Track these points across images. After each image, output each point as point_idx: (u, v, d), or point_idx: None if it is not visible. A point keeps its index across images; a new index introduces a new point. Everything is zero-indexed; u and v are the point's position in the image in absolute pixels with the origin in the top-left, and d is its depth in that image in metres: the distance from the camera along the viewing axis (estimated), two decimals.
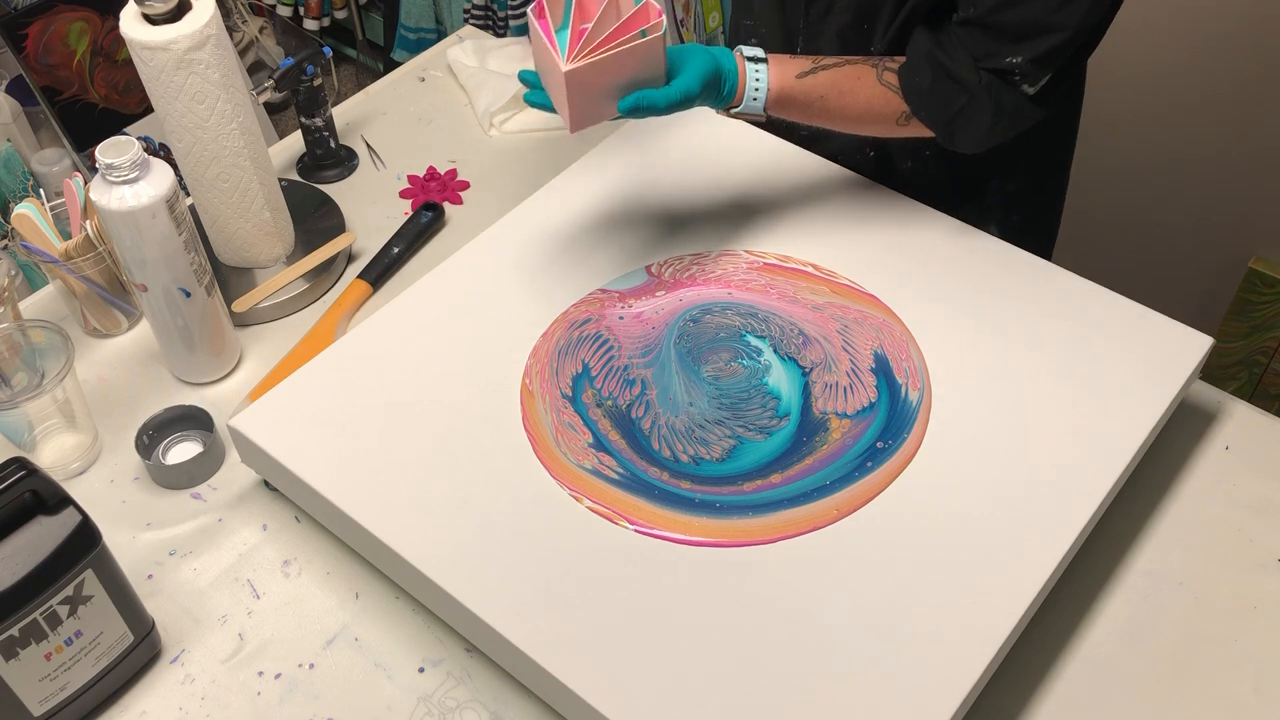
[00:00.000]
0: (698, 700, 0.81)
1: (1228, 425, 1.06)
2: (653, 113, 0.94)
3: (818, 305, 1.06)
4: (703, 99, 0.97)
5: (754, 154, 1.21)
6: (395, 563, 0.91)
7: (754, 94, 1.00)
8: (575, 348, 1.03)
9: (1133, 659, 0.92)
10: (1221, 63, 1.80)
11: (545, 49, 0.91)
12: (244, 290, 1.18)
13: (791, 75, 1.01)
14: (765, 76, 1.00)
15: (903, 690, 0.81)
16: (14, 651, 0.81)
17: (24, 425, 1.04)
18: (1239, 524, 0.99)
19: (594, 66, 0.89)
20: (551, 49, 0.90)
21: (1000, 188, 1.21)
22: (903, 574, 0.87)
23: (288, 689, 0.91)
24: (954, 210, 1.14)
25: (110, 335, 1.17)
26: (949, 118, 1.02)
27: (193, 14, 1.02)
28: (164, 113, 1.07)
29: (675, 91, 0.94)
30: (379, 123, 1.41)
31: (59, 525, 0.82)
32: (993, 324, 1.03)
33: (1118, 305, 1.05)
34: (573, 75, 0.88)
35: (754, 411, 0.98)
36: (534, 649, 0.83)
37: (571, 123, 0.93)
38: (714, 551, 0.89)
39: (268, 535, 1.01)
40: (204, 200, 1.14)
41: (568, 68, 0.88)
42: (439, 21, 2.56)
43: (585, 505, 0.92)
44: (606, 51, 0.89)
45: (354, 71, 2.88)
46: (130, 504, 1.03)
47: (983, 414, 0.97)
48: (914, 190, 1.16)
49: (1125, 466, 0.93)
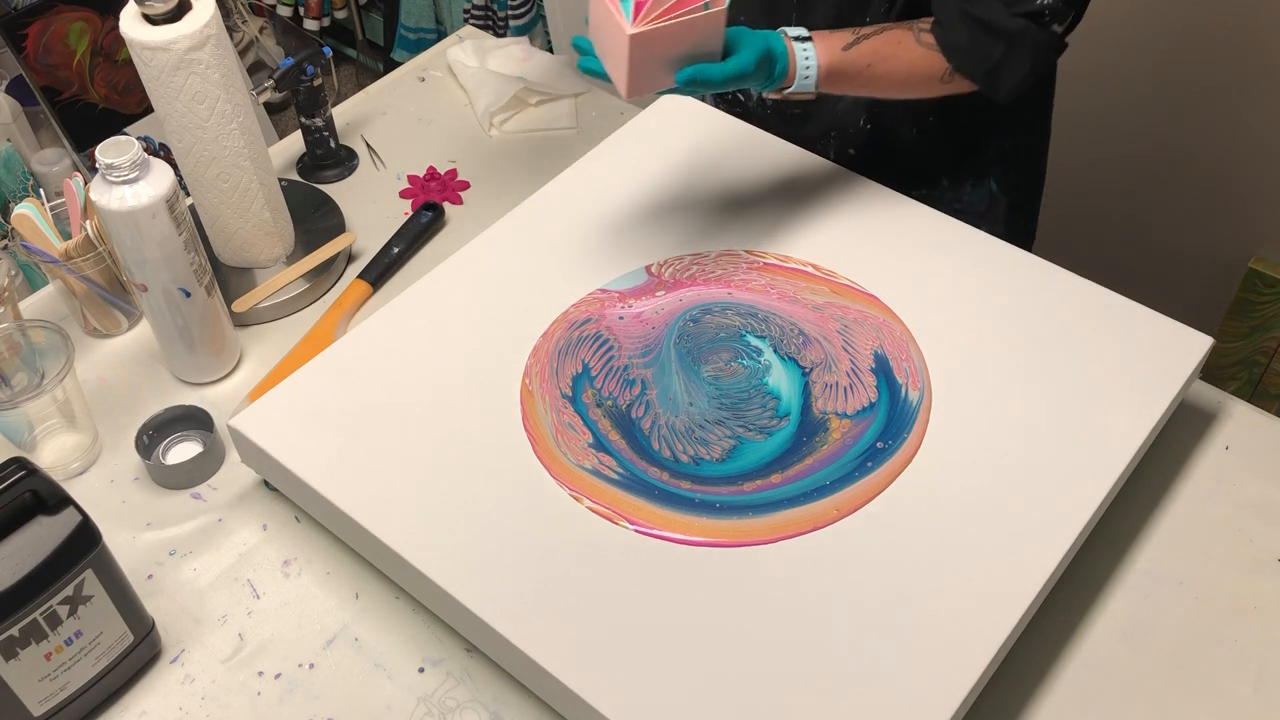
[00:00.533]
0: (698, 700, 0.81)
1: (1228, 425, 1.06)
2: (708, 87, 0.95)
3: (818, 305, 1.06)
4: (755, 78, 0.98)
5: (754, 154, 1.21)
6: (395, 563, 0.91)
7: (805, 72, 1.01)
8: (575, 348, 1.03)
9: (1133, 659, 0.92)
10: (1222, 62, 1.80)
11: (607, 12, 0.92)
12: (244, 290, 1.18)
13: (838, 49, 1.03)
14: (814, 54, 1.01)
15: (903, 690, 0.81)
16: (14, 651, 0.81)
17: (24, 425, 1.04)
18: (1239, 524, 0.99)
19: (659, 33, 0.90)
20: (615, 11, 0.91)
21: (998, 145, 1.24)
22: (903, 574, 0.87)
23: (288, 689, 0.91)
24: (954, 170, 1.17)
25: (110, 335, 1.17)
26: (990, 68, 1.04)
27: (193, 14, 1.02)
28: (164, 113, 1.07)
29: (731, 68, 0.95)
30: (379, 123, 1.41)
31: (59, 525, 0.82)
32: (993, 324, 1.03)
33: (1118, 305, 1.05)
34: (637, 39, 0.90)
35: (754, 411, 0.98)
36: (534, 649, 0.83)
37: (629, 88, 0.94)
38: (714, 552, 0.89)
39: (268, 535, 1.01)
40: (204, 200, 1.14)
41: (633, 30, 0.89)
42: (439, 21, 2.56)
43: (585, 505, 0.92)
44: (672, 19, 0.91)
45: (354, 71, 2.88)
46: (130, 504, 1.03)
47: (983, 414, 0.97)
48: (913, 157, 1.19)
49: (1125, 466, 0.93)
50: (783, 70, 1.00)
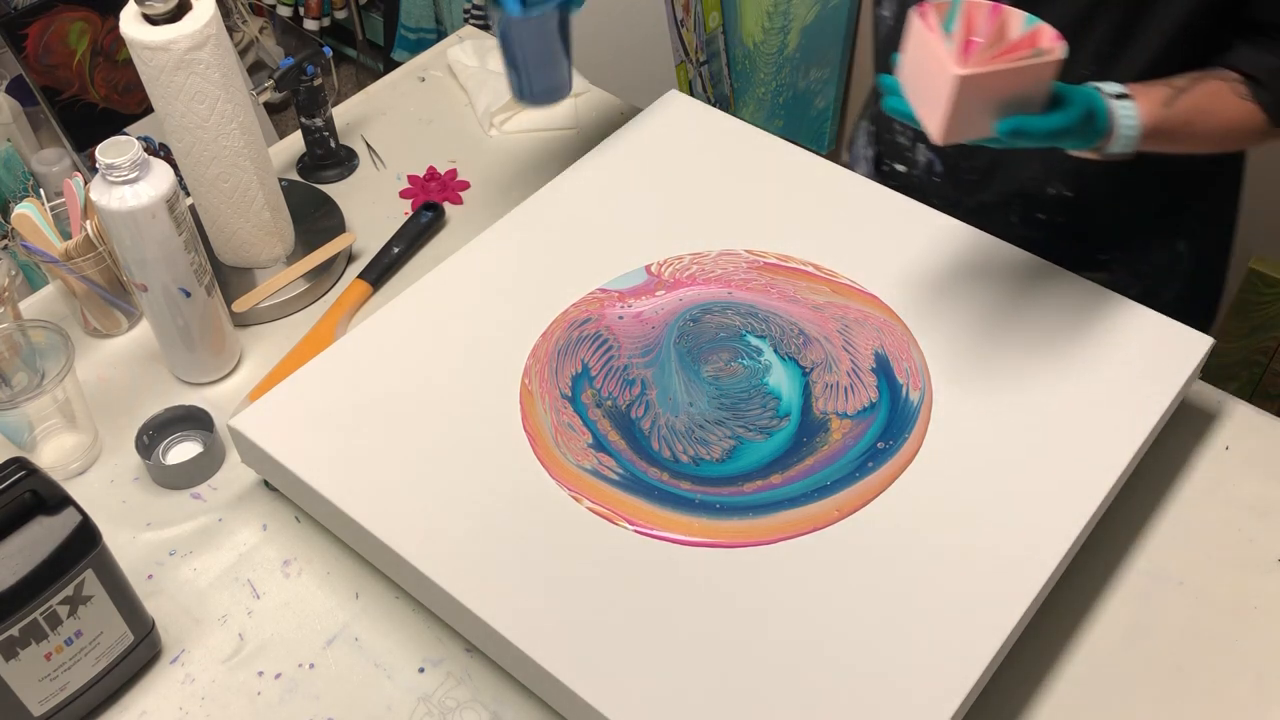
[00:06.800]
0: (697, 700, 0.81)
1: (1228, 425, 1.06)
2: (1030, 140, 0.89)
3: (818, 305, 1.06)
4: (1076, 135, 0.92)
5: (754, 154, 1.20)
6: (395, 563, 0.91)
7: (1127, 131, 0.95)
8: (575, 348, 1.03)
9: (1133, 659, 0.92)
10: None
11: (929, 51, 0.87)
12: (244, 290, 1.18)
13: (1159, 105, 0.97)
14: (1134, 112, 0.95)
15: (903, 690, 0.81)
16: (14, 651, 0.81)
17: (24, 425, 1.04)
18: (1239, 524, 0.99)
19: (989, 77, 0.85)
20: (941, 50, 0.86)
21: (1195, 207, 1.21)
22: (903, 574, 0.87)
23: (288, 689, 0.91)
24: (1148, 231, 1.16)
25: (110, 335, 1.17)
26: None
27: (193, 14, 1.02)
28: (164, 113, 1.07)
29: (1056, 122, 0.89)
30: (379, 123, 1.41)
31: (59, 525, 0.82)
32: (994, 324, 1.03)
33: (1118, 305, 1.05)
34: (966, 81, 0.84)
35: (754, 411, 0.98)
36: (534, 649, 0.83)
37: (945, 131, 0.88)
38: (714, 552, 0.89)
39: (268, 535, 1.01)
40: (204, 200, 1.14)
41: (963, 72, 0.84)
42: (439, 21, 2.56)
43: (585, 506, 0.92)
44: (1005, 65, 0.86)
45: (354, 71, 2.88)
46: (130, 504, 1.03)
47: (983, 414, 0.97)
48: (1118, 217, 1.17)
49: (1125, 466, 0.93)
50: (1104, 128, 0.94)
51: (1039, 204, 1.18)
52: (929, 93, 0.88)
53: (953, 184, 1.22)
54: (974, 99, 0.86)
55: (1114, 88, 0.95)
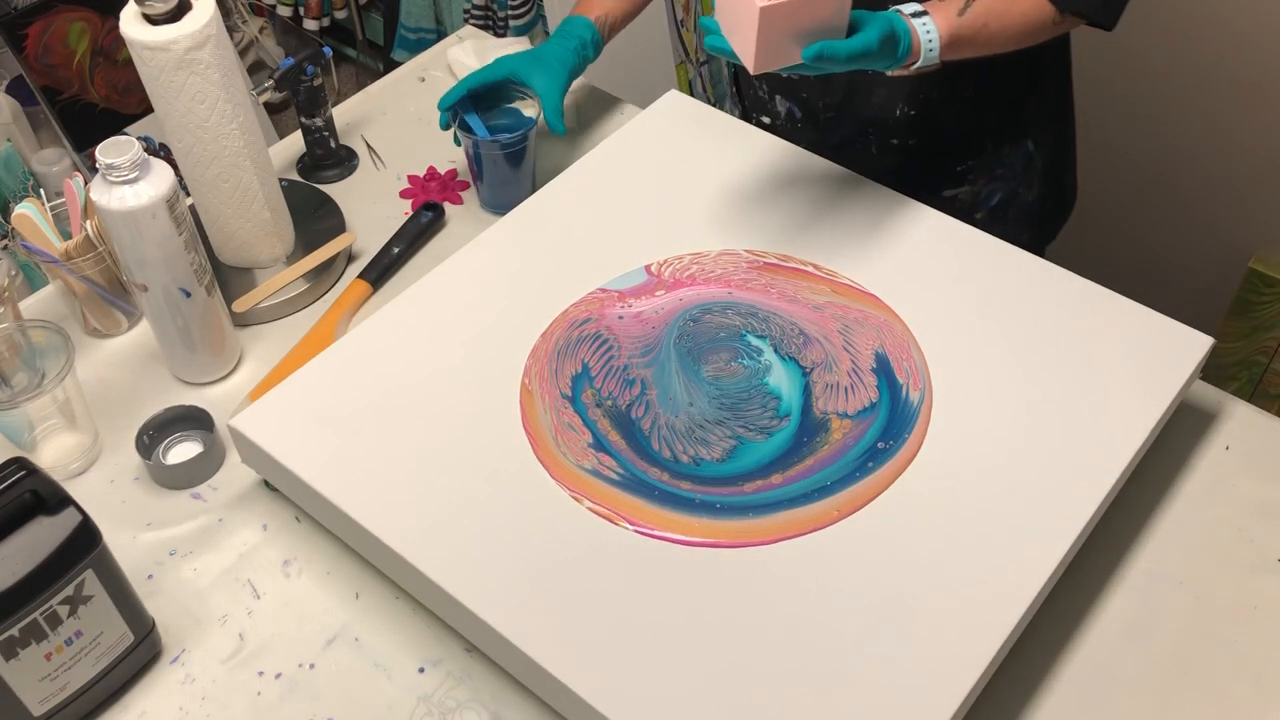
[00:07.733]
0: (698, 700, 0.81)
1: (1228, 425, 1.06)
2: (834, 65, 0.96)
3: (818, 305, 1.06)
4: (880, 56, 0.99)
5: (754, 154, 1.21)
6: (395, 563, 0.91)
7: (929, 46, 1.02)
8: (575, 347, 1.03)
9: (1133, 659, 0.92)
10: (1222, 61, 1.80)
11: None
12: (244, 290, 1.18)
13: (954, 15, 1.03)
14: (934, 26, 1.02)
15: (903, 690, 0.81)
16: (14, 651, 0.81)
17: (24, 425, 1.04)
18: (1239, 524, 0.99)
19: (787, 6, 0.92)
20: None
21: (1035, 102, 1.27)
22: (903, 574, 0.87)
23: (288, 689, 0.91)
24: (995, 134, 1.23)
25: (110, 335, 1.17)
26: (1102, 1, 1.07)
27: (193, 14, 1.02)
28: (164, 113, 1.07)
29: (856, 45, 0.96)
30: (379, 123, 1.41)
31: (59, 525, 0.82)
32: (994, 324, 1.03)
33: (1118, 305, 1.05)
34: (766, 12, 0.92)
35: (754, 412, 0.98)
36: (534, 649, 0.83)
37: (756, 62, 0.95)
38: (714, 552, 0.89)
39: (268, 535, 1.01)
40: (204, 200, 1.14)
41: (764, 4, 0.91)
42: (439, 21, 2.56)
43: (585, 506, 0.92)
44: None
45: (354, 71, 2.88)
46: (130, 504, 1.03)
47: (984, 414, 0.97)
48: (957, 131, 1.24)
49: (1125, 466, 0.93)
50: (906, 48, 1.01)
51: (892, 129, 1.26)
52: (741, 28, 0.95)
53: (813, 126, 1.29)
54: (778, 29, 0.93)
55: (912, 7, 1.03)
